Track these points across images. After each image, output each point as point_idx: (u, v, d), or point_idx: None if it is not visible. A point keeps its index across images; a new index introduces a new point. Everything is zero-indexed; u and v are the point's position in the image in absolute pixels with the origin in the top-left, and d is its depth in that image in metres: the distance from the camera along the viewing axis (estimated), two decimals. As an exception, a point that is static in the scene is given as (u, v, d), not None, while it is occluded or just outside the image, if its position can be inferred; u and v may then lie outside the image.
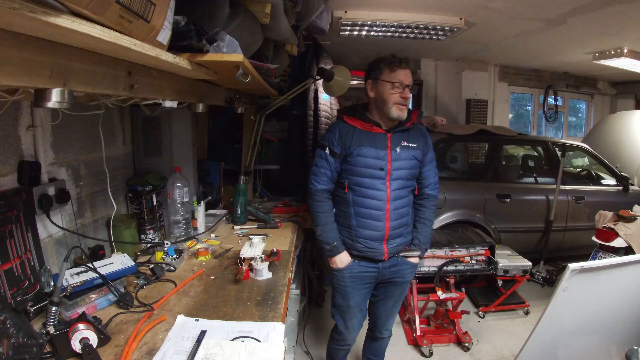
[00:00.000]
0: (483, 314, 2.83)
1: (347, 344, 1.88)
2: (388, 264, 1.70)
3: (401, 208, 1.66)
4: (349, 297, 1.73)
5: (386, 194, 1.61)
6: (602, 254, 2.48)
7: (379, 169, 1.60)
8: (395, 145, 1.61)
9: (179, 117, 2.02)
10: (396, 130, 1.63)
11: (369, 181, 1.61)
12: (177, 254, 1.56)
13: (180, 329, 1.07)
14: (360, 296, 1.75)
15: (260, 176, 2.86)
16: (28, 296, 1.08)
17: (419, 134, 1.69)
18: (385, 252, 1.66)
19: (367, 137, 1.61)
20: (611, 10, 2.69)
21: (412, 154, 1.64)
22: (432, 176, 1.74)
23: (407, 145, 1.63)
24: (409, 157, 1.63)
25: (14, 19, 0.43)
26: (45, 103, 0.63)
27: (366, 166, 1.60)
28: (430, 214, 1.76)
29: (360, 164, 1.60)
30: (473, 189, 3.19)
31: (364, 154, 1.59)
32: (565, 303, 1.44)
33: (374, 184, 1.61)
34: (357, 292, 1.73)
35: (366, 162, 1.60)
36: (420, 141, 1.67)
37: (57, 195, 1.25)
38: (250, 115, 2.54)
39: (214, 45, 0.98)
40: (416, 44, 3.90)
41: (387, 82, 1.57)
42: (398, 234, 1.67)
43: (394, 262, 1.71)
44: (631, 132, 4.10)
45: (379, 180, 1.60)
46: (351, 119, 1.65)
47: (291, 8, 1.66)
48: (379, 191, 1.61)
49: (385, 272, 1.71)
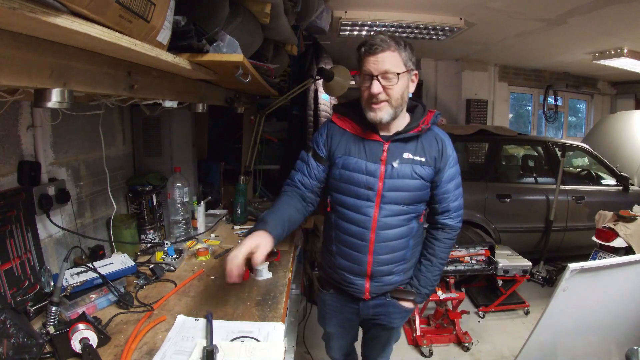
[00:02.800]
0: (483, 314, 2.83)
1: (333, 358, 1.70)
2: (371, 304, 1.37)
3: (394, 240, 1.27)
4: (325, 322, 1.53)
5: (372, 221, 1.24)
6: (602, 254, 2.48)
7: (367, 188, 1.23)
8: (393, 158, 1.23)
9: (179, 117, 2.02)
10: (397, 139, 1.24)
11: (352, 201, 1.26)
12: (177, 254, 1.56)
13: (180, 329, 1.07)
14: (338, 328, 1.51)
15: (260, 176, 2.86)
16: (28, 296, 1.08)
17: (432, 143, 1.26)
18: (367, 291, 1.32)
19: (358, 144, 1.26)
20: (611, 10, 2.70)
21: (417, 172, 1.23)
22: (451, 200, 1.30)
23: (411, 158, 1.23)
24: (410, 176, 1.23)
25: (14, 19, 0.43)
26: (45, 103, 0.63)
27: (351, 182, 1.25)
28: (442, 250, 1.33)
29: (345, 179, 1.26)
30: (473, 189, 3.19)
31: (349, 166, 1.25)
32: (565, 303, 1.44)
33: (358, 206, 1.25)
34: (334, 322, 1.50)
35: (351, 178, 1.25)
36: (432, 153, 1.25)
37: (57, 195, 1.25)
38: (250, 115, 2.54)
39: (214, 45, 0.98)
40: (416, 44, 3.87)
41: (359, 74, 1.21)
42: (387, 272, 1.30)
43: (381, 301, 1.36)
44: (631, 132, 4.11)
45: (366, 202, 1.24)
46: (342, 119, 1.30)
47: (291, 8, 1.66)
48: (363, 216, 1.25)
49: (368, 311, 1.39)
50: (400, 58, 1.17)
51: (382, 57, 1.15)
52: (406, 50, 1.19)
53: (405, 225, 1.28)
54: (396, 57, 1.16)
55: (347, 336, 1.57)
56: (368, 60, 1.17)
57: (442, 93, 5.16)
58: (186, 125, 2.06)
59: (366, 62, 1.18)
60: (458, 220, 1.33)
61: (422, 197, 1.28)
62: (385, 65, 1.15)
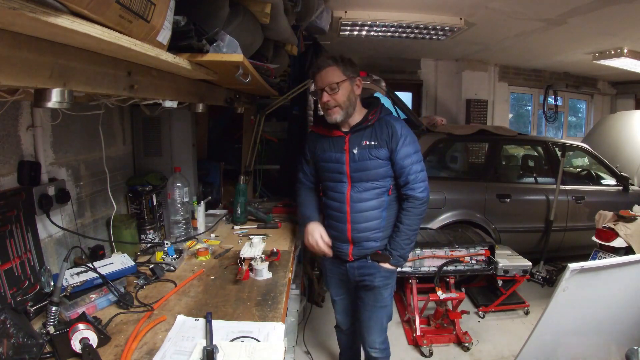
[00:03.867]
0: (483, 314, 2.83)
1: (339, 326, 1.93)
2: (356, 265, 1.65)
3: (367, 211, 1.57)
4: (329, 285, 1.84)
5: (346, 196, 1.57)
6: (602, 254, 2.48)
7: (339, 172, 1.58)
8: (353, 146, 1.55)
9: (179, 117, 2.02)
10: (354, 130, 1.56)
11: (332, 184, 1.62)
12: (177, 254, 1.56)
13: (180, 329, 1.07)
14: (338, 288, 1.81)
15: (260, 176, 2.86)
16: (28, 296, 1.08)
17: (384, 129, 1.55)
18: (350, 254, 1.63)
19: (328, 142, 1.61)
20: (611, 10, 2.70)
21: (374, 153, 1.53)
22: (408, 174, 1.54)
23: (367, 144, 1.54)
24: (368, 157, 1.53)
25: (14, 19, 0.43)
26: (45, 103, 0.63)
27: (328, 170, 1.62)
28: (408, 218, 1.56)
29: (325, 169, 1.63)
30: (473, 189, 3.19)
31: (325, 158, 1.62)
32: (565, 303, 1.44)
33: (336, 187, 1.61)
34: (333, 283, 1.80)
35: (328, 167, 1.61)
36: (384, 137, 1.54)
37: (57, 195, 1.25)
38: (250, 115, 2.54)
39: (214, 45, 0.98)
40: (416, 44, 3.90)
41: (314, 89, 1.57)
42: (365, 238, 1.60)
43: (362, 263, 1.64)
44: (631, 132, 4.10)
45: (340, 183, 1.59)
46: (317, 128, 1.68)
47: (291, 8, 1.66)
48: (339, 193, 1.59)
49: (354, 272, 1.67)
50: (340, 70, 1.50)
51: (324, 73, 1.50)
52: (344, 63, 1.51)
53: (375, 199, 1.57)
54: (335, 70, 1.49)
55: (347, 298, 1.84)
56: (316, 77, 1.53)
57: (442, 93, 5.16)
58: (186, 125, 2.06)
59: (316, 79, 1.53)
60: (420, 190, 1.55)
61: (384, 174, 1.56)
62: (326, 79, 1.49)
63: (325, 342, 2.49)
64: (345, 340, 1.97)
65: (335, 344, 2.39)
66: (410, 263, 2.52)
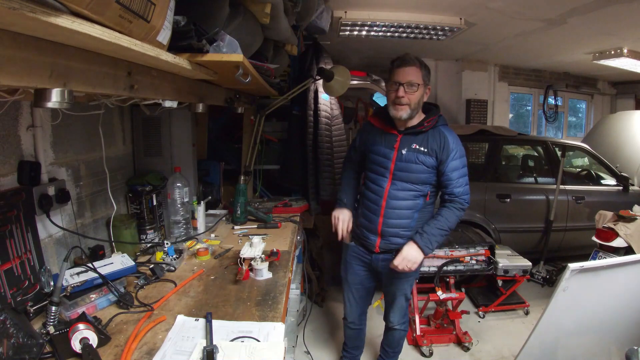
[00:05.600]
0: (483, 314, 2.83)
1: (347, 318, 2.01)
2: (381, 257, 1.77)
3: (400, 209, 1.67)
4: (347, 270, 1.91)
5: (384, 191, 1.67)
6: (602, 254, 2.48)
7: (383, 166, 1.68)
8: (403, 146, 1.64)
9: (179, 117, 2.02)
10: (407, 132, 1.64)
11: (373, 176, 1.72)
12: (177, 254, 1.56)
13: (180, 329, 1.07)
14: (356, 276, 1.89)
15: (260, 176, 2.86)
16: (28, 296, 1.08)
17: (436, 139, 1.62)
18: (377, 245, 1.74)
19: (381, 135, 1.71)
20: (611, 10, 2.69)
21: (421, 159, 1.61)
22: (455, 186, 1.63)
23: (417, 148, 1.62)
24: (415, 161, 1.62)
25: (14, 19, 0.43)
26: (45, 103, 0.63)
27: (374, 162, 1.72)
28: (447, 213, 1.63)
29: (370, 160, 1.74)
30: (473, 189, 3.16)
31: (374, 150, 1.72)
32: (565, 303, 1.44)
33: (377, 180, 1.70)
34: (353, 269, 1.88)
35: (375, 159, 1.71)
36: (434, 146, 1.61)
37: (57, 195, 1.25)
38: (250, 115, 2.54)
39: (214, 45, 0.98)
40: (416, 44, 3.90)
41: (389, 82, 1.64)
42: (394, 233, 1.70)
43: (387, 257, 1.75)
44: (631, 132, 4.10)
45: (382, 177, 1.68)
46: (374, 119, 1.78)
47: (291, 8, 1.66)
48: (378, 187, 1.69)
49: (377, 263, 1.79)
50: (421, 73, 1.59)
51: (405, 70, 1.57)
52: (425, 68, 1.61)
53: (411, 200, 1.66)
54: (418, 72, 1.58)
55: (361, 289, 1.92)
56: (396, 71, 1.58)
57: (442, 93, 5.15)
58: (186, 125, 2.06)
59: (395, 73, 1.58)
60: (465, 200, 1.67)
61: (425, 180, 1.65)
62: (407, 76, 1.56)
63: (325, 342, 2.49)
64: (350, 333, 2.07)
65: (335, 344, 2.40)
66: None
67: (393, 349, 2.05)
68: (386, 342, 2.06)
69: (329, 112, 2.74)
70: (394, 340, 2.02)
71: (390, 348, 2.05)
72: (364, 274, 1.88)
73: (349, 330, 2.05)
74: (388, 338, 2.04)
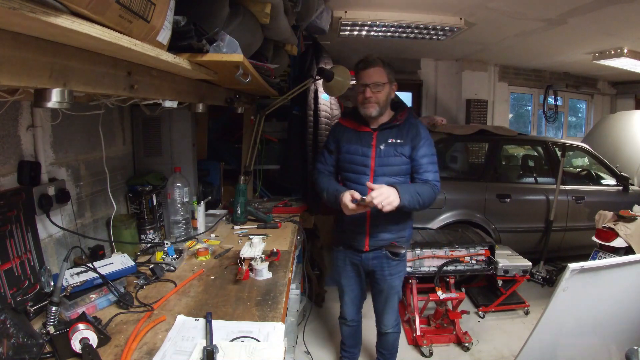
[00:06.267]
0: (483, 314, 2.83)
1: (344, 318, 2.02)
2: (371, 256, 1.79)
3: None
4: (340, 275, 1.92)
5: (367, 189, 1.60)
6: (602, 254, 2.48)
7: (363, 165, 1.69)
8: (380, 142, 1.67)
9: (179, 117, 2.02)
10: (382, 128, 1.69)
11: (354, 176, 1.72)
12: (177, 254, 1.56)
13: (180, 329, 1.07)
14: (349, 278, 1.90)
15: (260, 176, 2.86)
16: (28, 296, 1.08)
17: (409, 129, 1.69)
18: (367, 244, 1.76)
19: (355, 135, 1.73)
20: (611, 10, 2.70)
21: (400, 150, 1.67)
22: (425, 171, 1.67)
23: (394, 142, 1.67)
24: (394, 154, 1.67)
25: (14, 19, 0.43)
26: (45, 103, 0.63)
27: (352, 162, 1.72)
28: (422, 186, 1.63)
29: (347, 160, 1.74)
30: (473, 189, 3.19)
31: (351, 150, 1.72)
32: (565, 303, 1.44)
33: (358, 179, 1.71)
34: (346, 273, 1.90)
35: (352, 159, 1.72)
36: (409, 136, 1.68)
37: (57, 195, 1.25)
38: (250, 115, 2.53)
39: (214, 45, 0.98)
40: (416, 44, 3.90)
41: (356, 84, 1.69)
42: (382, 229, 1.73)
43: (377, 254, 1.78)
44: (631, 132, 4.10)
45: (363, 175, 1.69)
46: (345, 120, 1.80)
47: (291, 8, 1.66)
48: (361, 185, 1.67)
49: (368, 262, 1.81)
50: (385, 72, 1.66)
51: (370, 71, 1.64)
52: (389, 67, 1.68)
53: None
54: (382, 71, 1.65)
55: (356, 288, 1.94)
56: (361, 74, 1.65)
57: (442, 93, 5.15)
58: (186, 125, 2.06)
59: (360, 75, 1.65)
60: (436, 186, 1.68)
61: (407, 170, 1.70)
62: (371, 77, 1.63)
63: (325, 342, 2.50)
64: (348, 331, 2.07)
65: (335, 344, 2.40)
66: (411, 263, 2.52)
67: (390, 351, 2.04)
68: (382, 346, 2.05)
69: (329, 112, 2.74)
70: (390, 343, 2.02)
71: (387, 351, 2.04)
72: (356, 275, 1.90)
73: (348, 328, 2.06)
74: (383, 342, 2.03)
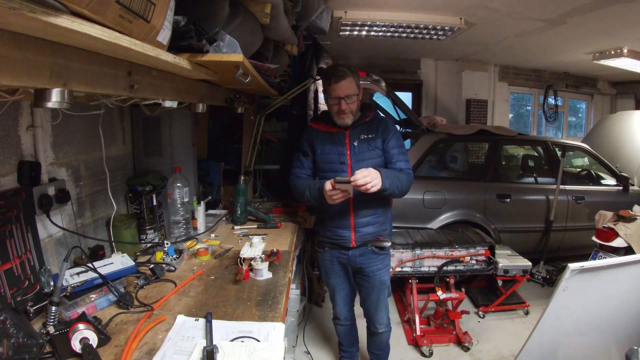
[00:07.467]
0: (483, 314, 2.83)
1: (338, 318, 2.01)
2: (357, 253, 1.80)
3: (368, 197, 1.64)
4: (329, 275, 1.93)
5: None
6: (602, 254, 2.48)
7: (340, 163, 1.74)
8: (353, 139, 1.73)
9: (179, 117, 2.02)
10: (354, 126, 1.74)
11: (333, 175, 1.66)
12: (177, 254, 1.56)
13: (180, 329, 1.07)
14: (338, 277, 1.91)
15: (260, 176, 2.86)
16: (28, 296, 1.08)
17: (379, 124, 1.76)
18: (353, 240, 1.78)
19: (328, 136, 1.77)
20: (611, 10, 2.70)
21: (373, 144, 1.73)
22: (398, 160, 1.72)
23: (366, 137, 1.73)
24: (369, 148, 1.73)
25: (14, 19, 0.43)
26: (45, 103, 0.63)
27: (330, 162, 1.76)
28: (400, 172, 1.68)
29: (325, 161, 1.78)
30: (473, 189, 3.19)
31: (327, 151, 1.76)
32: (565, 303, 1.44)
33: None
34: (334, 273, 1.90)
35: (329, 158, 1.76)
36: (379, 130, 1.74)
37: (57, 195, 1.25)
38: (250, 115, 2.54)
39: (214, 45, 0.98)
40: (416, 44, 3.91)
41: (329, 96, 1.70)
42: (366, 223, 1.77)
43: (363, 250, 1.80)
44: (631, 132, 4.10)
45: (342, 173, 1.71)
46: (317, 124, 1.84)
47: (291, 8, 1.66)
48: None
49: (355, 259, 1.82)
50: (354, 82, 1.68)
51: (342, 84, 1.65)
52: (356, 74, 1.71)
53: None
54: (352, 82, 1.67)
55: (346, 286, 1.95)
56: (333, 87, 1.66)
57: (442, 93, 5.15)
58: (186, 125, 2.06)
59: (333, 89, 1.66)
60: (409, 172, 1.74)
61: (380, 163, 1.74)
62: (344, 90, 1.65)
63: (325, 342, 2.49)
64: (344, 330, 2.07)
65: (335, 344, 2.40)
66: (410, 263, 2.52)
67: (384, 350, 2.04)
68: (375, 347, 2.04)
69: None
70: (382, 342, 2.01)
71: (381, 351, 2.04)
72: (345, 274, 1.91)
73: (342, 328, 2.06)
74: (377, 342, 2.02)
